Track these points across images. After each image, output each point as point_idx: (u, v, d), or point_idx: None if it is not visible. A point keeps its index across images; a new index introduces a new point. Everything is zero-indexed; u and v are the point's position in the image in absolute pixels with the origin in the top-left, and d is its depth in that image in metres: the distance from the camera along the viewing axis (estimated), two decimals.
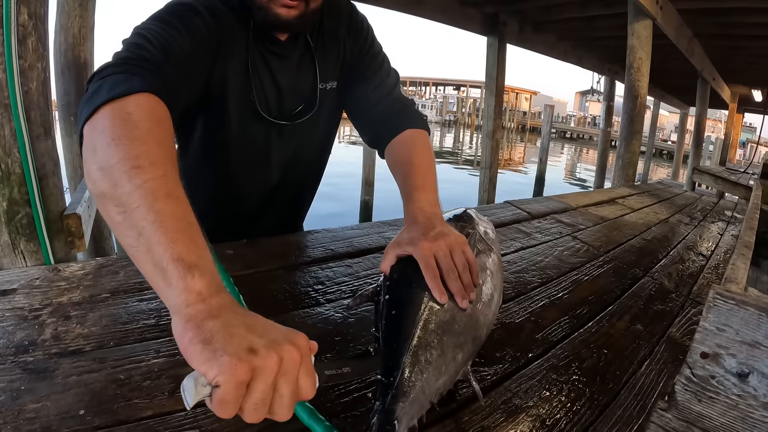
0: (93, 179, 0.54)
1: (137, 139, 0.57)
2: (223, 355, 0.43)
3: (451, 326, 0.68)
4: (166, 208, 0.52)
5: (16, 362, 0.67)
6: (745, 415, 0.50)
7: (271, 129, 1.07)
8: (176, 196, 0.54)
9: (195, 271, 0.49)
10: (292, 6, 0.90)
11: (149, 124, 0.60)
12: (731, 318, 0.50)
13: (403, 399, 0.58)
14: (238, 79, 0.97)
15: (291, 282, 1.03)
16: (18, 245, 1.12)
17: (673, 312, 1.20)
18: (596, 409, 0.74)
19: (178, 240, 0.50)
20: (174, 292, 0.49)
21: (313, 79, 1.08)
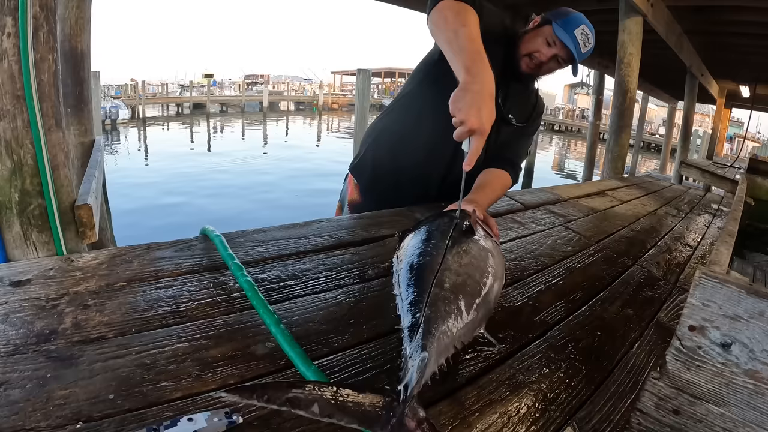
0: (441, 17, 1.15)
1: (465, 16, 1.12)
2: None
3: (464, 287, 0.77)
4: (470, 44, 1.06)
5: (39, 351, 0.68)
6: (728, 381, 0.56)
7: None
8: (475, 40, 1.07)
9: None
10: (532, 67, 1.45)
11: (470, 15, 1.13)
12: (715, 295, 0.55)
13: (430, 337, 0.65)
14: None
15: (304, 269, 1.06)
16: (30, 236, 1.13)
17: (661, 298, 1.25)
18: (592, 384, 0.80)
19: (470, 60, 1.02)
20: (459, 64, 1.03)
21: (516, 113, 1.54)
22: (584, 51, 1.42)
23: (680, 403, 0.60)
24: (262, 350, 0.74)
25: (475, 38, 1.07)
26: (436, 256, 0.83)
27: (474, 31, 1.08)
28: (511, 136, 1.57)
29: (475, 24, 1.10)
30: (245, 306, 0.86)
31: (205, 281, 0.94)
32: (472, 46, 1.05)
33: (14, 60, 1.05)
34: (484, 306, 0.79)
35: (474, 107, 0.93)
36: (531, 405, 0.72)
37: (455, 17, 1.12)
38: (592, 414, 0.73)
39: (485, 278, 0.83)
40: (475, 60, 1.01)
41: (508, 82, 1.49)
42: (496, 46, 1.37)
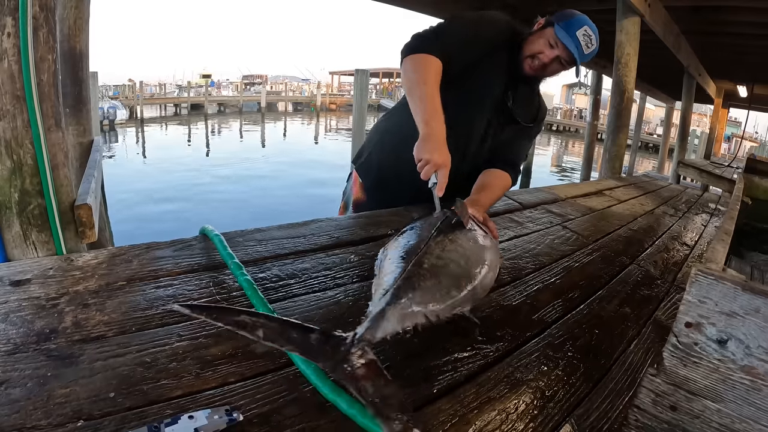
0: (407, 77, 1.33)
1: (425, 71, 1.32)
2: None
3: (444, 269, 0.81)
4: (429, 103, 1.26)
5: (39, 350, 0.68)
6: (725, 377, 0.56)
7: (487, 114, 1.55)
8: (433, 97, 1.27)
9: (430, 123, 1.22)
10: (534, 68, 1.48)
11: (431, 68, 1.33)
12: (711, 291, 0.55)
13: (396, 300, 0.68)
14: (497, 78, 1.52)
15: (303, 268, 1.07)
16: (30, 236, 1.13)
17: (658, 297, 1.26)
18: (590, 382, 0.80)
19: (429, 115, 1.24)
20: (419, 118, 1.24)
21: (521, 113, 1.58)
22: (587, 52, 1.44)
23: (677, 399, 0.60)
24: (262, 348, 0.75)
25: (432, 96, 1.28)
26: (420, 242, 0.87)
27: (431, 90, 1.29)
28: (514, 135, 1.60)
29: (433, 81, 1.31)
30: (245, 305, 0.86)
31: (205, 280, 0.94)
32: (430, 104, 1.27)
33: (14, 60, 1.05)
34: (466, 288, 0.81)
35: (436, 150, 1.19)
36: (529, 402, 0.72)
37: (418, 75, 1.33)
38: (590, 411, 0.73)
39: (470, 264, 0.86)
40: (432, 116, 1.25)
41: (516, 85, 1.54)
42: (501, 52, 1.51)
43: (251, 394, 0.64)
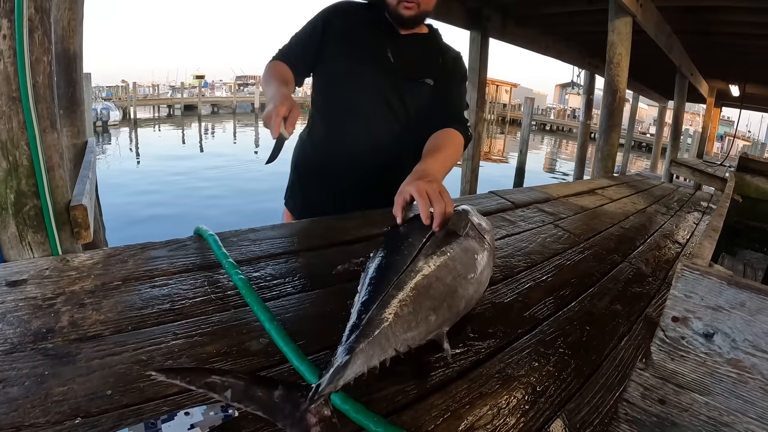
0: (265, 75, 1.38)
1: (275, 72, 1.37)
2: None
3: (427, 291, 0.76)
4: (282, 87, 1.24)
5: (36, 349, 0.69)
6: (712, 371, 0.57)
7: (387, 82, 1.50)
8: (274, 82, 1.27)
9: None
10: (410, 7, 1.41)
11: (281, 69, 1.41)
12: (697, 286, 0.56)
13: (364, 339, 0.65)
14: (374, 42, 1.49)
15: (297, 267, 1.08)
16: (25, 237, 1.14)
17: (650, 294, 1.27)
18: (581, 377, 0.81)
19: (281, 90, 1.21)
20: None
21: (418, 68, 1.52)
22: None
23: (666, 392, 0.61)
24: (257, 346, 0.76)
25: (273, 83, 1.28)
26: (407, 256, 0.82)
27: (271, 81, 1.30)
28: (435, 93, 1.55)
29: (273, 74, 1.36)
30: (239, 303, 0.87)
31: (200, 280, 0.95)
32: (274, 87, 1.25)
33: (10, 62, 1.06)
34: (447, 310, 0.78)
35: (272, 101, 1.15)
36: (521, 398, 0.73)
37: (264, 80, 1.39)
38: (581, 406, 0.74)
39: (457, 282, 0.81)
40: (275, 91, 1.22)
41: (393, 39, 1.51)
42: (360, 15, 1.52)
43: None
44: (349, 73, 1.50)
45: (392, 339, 0.68)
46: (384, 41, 1.50)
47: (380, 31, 1.50)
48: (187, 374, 0.57)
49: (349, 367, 0.62)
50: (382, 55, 1.49)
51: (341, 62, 1.50)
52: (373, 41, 1.50)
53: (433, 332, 0.75)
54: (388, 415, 0.65)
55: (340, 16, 1.52)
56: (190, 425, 0.57)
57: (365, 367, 0.64)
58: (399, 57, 1.50)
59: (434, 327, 0.75)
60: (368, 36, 1.50)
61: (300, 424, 0.56)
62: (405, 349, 0.70)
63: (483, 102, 6.57)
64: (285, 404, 0.57)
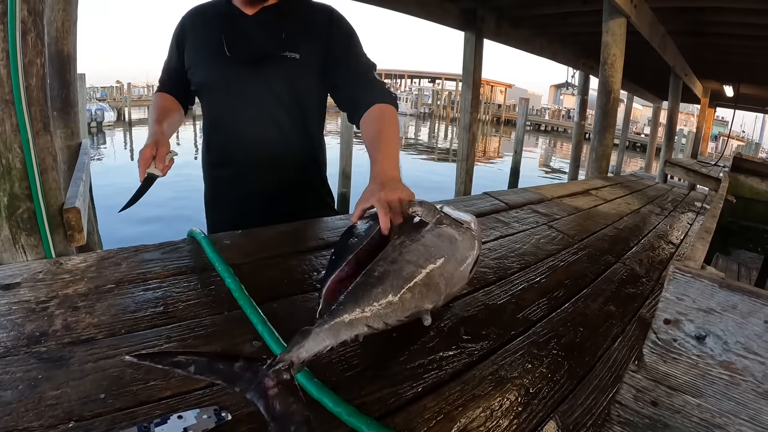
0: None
1: (155, 106, 1.34)
2: None
3: (398, 272, 0.77)
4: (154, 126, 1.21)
5: (30, 352, 0.68)
6: (704, 373, 0.57)
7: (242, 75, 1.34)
8: (158, 121, 1.24)
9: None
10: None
11: (160, 102, 1.37)
12: (689, 289, 0.56)
13: (331, 317, 0.68)
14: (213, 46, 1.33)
15: (288, 269, 1.08)
16: (19, 240, 1.13)
17: (643, 294, 1.28)
18: (574, 379, 0.82)
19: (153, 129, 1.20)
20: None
21: (268, 44, 1.33)
22: None
23: (658, 394, 0.61)
24: (250, 349, 0.76)
25: (152, 122, 1.25)
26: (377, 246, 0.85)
27: (152, 118, 1.28)
28: (309, 70, 1.37)
29: (154, 109, 1.33)
30: (232, 306, 0.87)
31: (193, 282, 0.95)
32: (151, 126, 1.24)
33: (2, 64, 1.05)
34: (425, 288, 0.79)
35: (151, 138, 1.16)
36: (514, 399, 0.74)
37: (150, 111, 1.34)
38: (574, 407, 0.74)
39: (431, 261, 0.82)
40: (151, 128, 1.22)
41: (234, 26, 1.35)
42: (205, 13, 1.40)
43: (239, 394, 0.64)
44: (201, 84, 1.40)
45: (361, 315, 0.70)
46: (220, 34, 1.34)
47: (219, 23, 1.35)
48: (156, 356, 0.60)
49: (311, 339, 0.64)
50: (220, 51, 1.32)
51: (195, 76, 1.39)
52: (209, 39, 1.35)
53: (411, 310, 0.77)
54: (380, 418, 0.65)
55: (187, 24, 1.42)
56: (183, 429, 0.57)
57: (332, 340, 0.66)
58: (239, 46, 1.33)
59: (413, 304, 0.77)
60: (205, 35, 1.37)
61: (258, 386, 0.58)
62: (381, 325, 0.72)
63: (477, 102, 6.59)
64: (245, 373, 0.59)
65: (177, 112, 1.39)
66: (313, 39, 1.35)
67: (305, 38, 1.35)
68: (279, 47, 1.32)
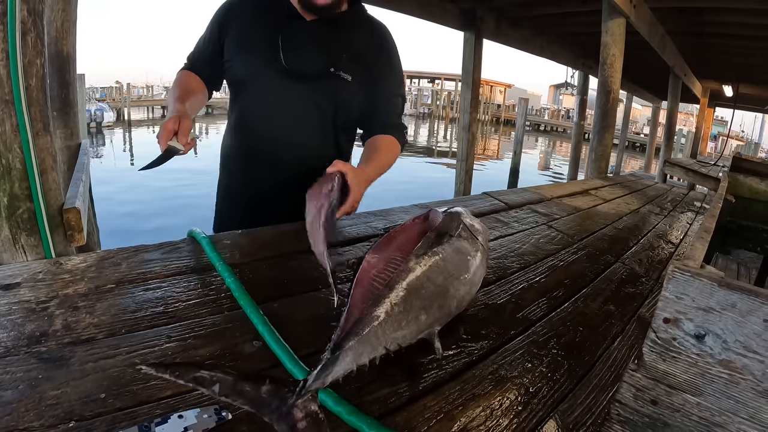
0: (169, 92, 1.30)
1: (179, 84, 1.32)
2: None
3: (418, 291, 0.77)
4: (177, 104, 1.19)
5: (30, 352, 0.68)
6: (703, 371, 0.57)
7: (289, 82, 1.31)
8: (181, 100, 1.22)
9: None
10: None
11: (185, 80, 1.35)
12: (688, 288, 0.57)
13: (353, 336, 0.66)
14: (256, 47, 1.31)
15: (289, 269, 1.08)
16: (19, 240, 1.13)
17: (643, 294, 1.28)
18: (574, 378, 0.82)
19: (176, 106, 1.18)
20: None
21: (326, 61, 1.31)
22: None
23: (657, 393, 0.62)
24: (250, 349, 0.76)
25: (175, 97, 1.24)
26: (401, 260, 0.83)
27: (174, 93, 1.26)
28: (360, 90, 1.37)
29: (178, 84, 1.32)
30: (233, 306, 0.87)
31: (193, 282, 0.95)
32: (172, 103, 1.22)
33: (2, 65, 1.05)
34: (438, 310, 0.79)
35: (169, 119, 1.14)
36: (514, 399, 0.74)
37: (172, 89, 1.32)
38: (574, 406, 0.75)
39: (448, 282, 0.82)
40: (173, 107, 1.19)
41: (292, 30, 1.30)
42: (256, 5, 1.33)
43: None
44: (242, 81, 1.36)
45: (382, 337, 0.69)
46: (276, 36, 1.28)
47: (275, 23, 1.29)
48: (176, 369, 0.57)
49: (337, 364, 0.63)
50: (274, 55, 1.28)
51: (237, 68, 1.35)
52: (262, 37, 1.30)
53: (423, 331, 0.76)
54: (381, 417, 0.65)
55: (236, 9, 1.35)
56: (184, 428, 0.57)
57: (354, 364, 0.65)
58: (296, 55, 1.29)
59: (425, 326, 0.76)
60: (257, 31, 1.31)
61: (287, 418, 0.57)
62: (395, 347, 0.71)
63: (477, 103, 6.58)
64: (272, 399, 0.58)
65: (201, 94, 1.35)
66: (365, 61, 1.35)
67: (359, 59, 1.34)
68: (334, 65, 1.31)
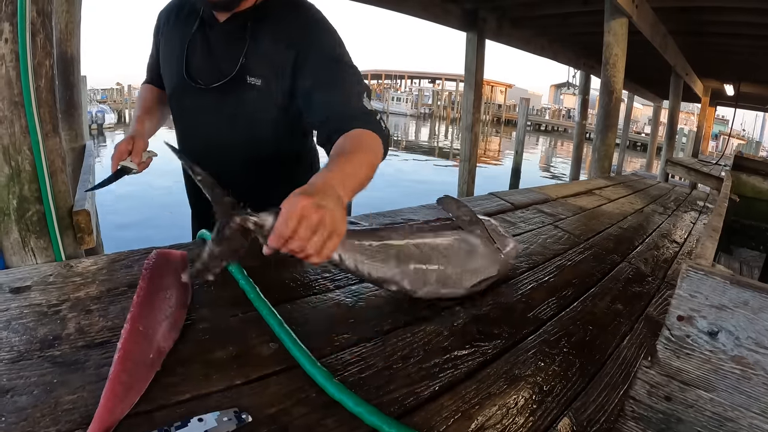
0: None
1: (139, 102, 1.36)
2: None
3: (400, 247, 0.95)
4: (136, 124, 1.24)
5: (44, 356, 0.68)
6: (716, 368, 0.58)
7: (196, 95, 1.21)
8: (140, 120, 1.26)
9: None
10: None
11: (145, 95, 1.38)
12: (701, 286, 0.57)
13: None
14: (172, 57, 1.23)
15: (301, 271, 1.08)
16: (28, 242, 1.13)
17: (650, 293, 1.29)
18: (586, 376, 0.83)
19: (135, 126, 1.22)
20: None
21: (229, 68, 1.13)
22: None
23: (671, 389, 0.62)
24: (267, 351, 0.76)
25: (137, 117, 1.29)
26: None
27: (137, 111, 1.32)
28: (270, 96, 1.16)
29: (140, 102, 1.36)
30: (247, 308, 0.87)
31: (206, 284, 0.95)
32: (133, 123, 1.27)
33: (12, 66, 1.05)
34: (412, 271, 0.93)
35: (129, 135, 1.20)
36: (528, 397, 0.74)
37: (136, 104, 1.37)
38: (587, 404, 0.75)
39: (435, 257, 0.96)
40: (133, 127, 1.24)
41: (199, 35, 1.19)
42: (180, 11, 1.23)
43: (258, 396, 0.65)
44: (169, 97, 1.30)
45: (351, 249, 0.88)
46: (185, 43, 1.19)
47: (186, 31, 1.19)
48: None
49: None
50: (181, 64, 1.19)
51: (164, 75, 1.29)
52: (174, 46, 1.22)
53: (390, 278, 0.91)
54: (399, 417, 0.66)
55: (162, 20, 1.29)
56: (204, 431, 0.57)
57: None
58: (197, 66, 1.19)
59: (393, 275, 0.91)
60: (173, 40, 1.23)
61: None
62: (353, 266, 0.88)
63: (480, 103, 6.58)
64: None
65: (163, 105, 1.36)
66: (281, 58, 1.11)
67: (272, 58, 1.12)
68: (240, 70, 1.12)
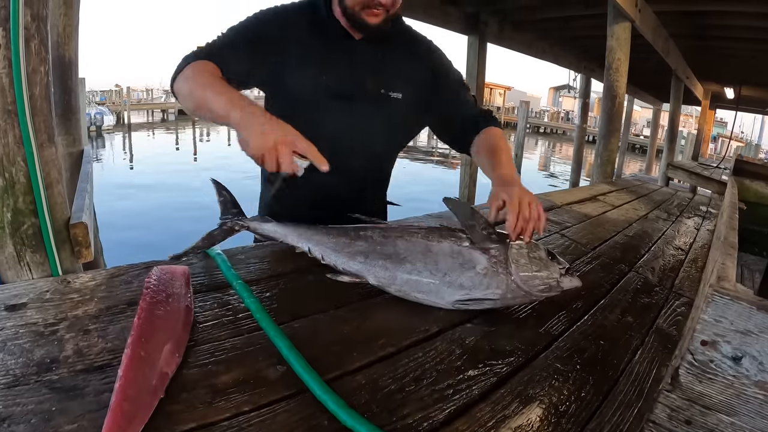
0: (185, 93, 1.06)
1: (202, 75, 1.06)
2: None
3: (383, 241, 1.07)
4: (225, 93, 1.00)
5: (41, 381, 0.65)
6: (739, 393, 0.57)
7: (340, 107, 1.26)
8: (224, 87, 1.02)
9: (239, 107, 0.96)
10: (377, 14, 1.17)
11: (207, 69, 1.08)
12: (726, 311, 0.56)
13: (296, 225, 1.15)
14: (309, 68, 1.23)
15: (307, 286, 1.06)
16: (24, 257, 1.09)
17: (658, 304, 1.27)
18: (600, 395, 0.80)
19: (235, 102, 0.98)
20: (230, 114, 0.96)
21: (375, 82, 1.27)
22: None
23: (692, 413, 0.61)
24: (275, 374, 0.73)
25: (222, 88, 1.02)
26: None
27: (216, 85, 1.03)
28: (408, 110, 1.33)
29: (213, 78, 1.06)
30: (253, 327, 0.85)
31: (209, 302, 0.92)
32: (226, 94, 1.00)
33: (5, 73, 1.01)
34: (382, 270, 1.02)
35: (271, 128, 0.93)
36: (544, 419, 0.72)
37: (196, 81, 1.05)
38: (602, 424, 0.73)
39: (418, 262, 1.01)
40: (238, 101, 0.97)
41: (349, 47, 1.25)
42: (303, 21, 1.24)
43: (267, 424, 0.62)
44: (287, 104, 1.25)
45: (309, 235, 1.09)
46: (337, 52, 1.24)
47: (321, 46, 1.23)
48: None
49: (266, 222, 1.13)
50: (320, 79, 1.23)
51: (278, 93, 1.27)
52: (306, 60, 1.23)
53: (356, 273, 1.03)
54: None
55: (274, 29, 1.22)
56: None
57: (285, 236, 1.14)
58: (343, 80, 1.24)
59: (358, 268, 1.03)
60: (302, 54, 1.23)
61: None
62: (320, 257, 1.07)
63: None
64: None
65: None
66: (415, 76, 1.32)
67: (408, 75, 1.31)
68: (383, 86, 1.27)
